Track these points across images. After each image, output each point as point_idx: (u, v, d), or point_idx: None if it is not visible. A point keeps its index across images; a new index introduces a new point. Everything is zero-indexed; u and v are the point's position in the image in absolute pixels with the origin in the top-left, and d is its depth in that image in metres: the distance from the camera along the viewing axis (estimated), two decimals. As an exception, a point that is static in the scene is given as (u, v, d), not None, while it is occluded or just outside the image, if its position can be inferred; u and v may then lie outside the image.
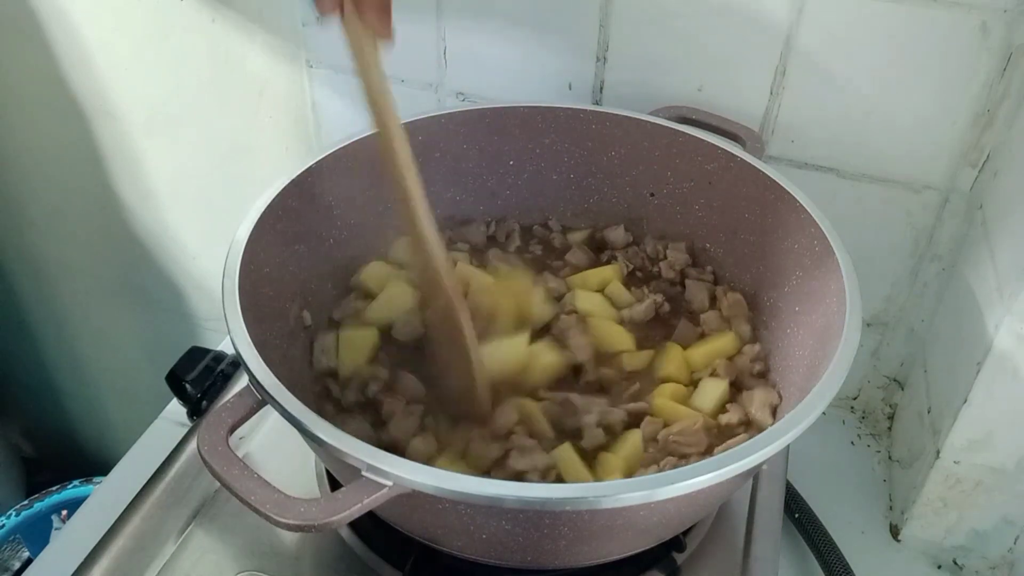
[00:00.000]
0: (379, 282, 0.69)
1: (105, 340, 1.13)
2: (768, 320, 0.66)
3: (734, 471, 0.44)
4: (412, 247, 0.57)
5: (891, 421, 0.81)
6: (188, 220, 0.95)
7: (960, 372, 0.62)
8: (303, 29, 0.87)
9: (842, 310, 0.53)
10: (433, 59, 0.82)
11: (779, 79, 0.70)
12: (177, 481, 0.67)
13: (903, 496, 0.71)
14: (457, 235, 0.75)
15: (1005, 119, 0.64)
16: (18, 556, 1.10)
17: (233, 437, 0.47)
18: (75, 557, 0.60)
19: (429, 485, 0.42)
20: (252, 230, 0.58)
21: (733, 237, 0.70)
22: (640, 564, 0.60)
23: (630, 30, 0.73)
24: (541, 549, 0.49)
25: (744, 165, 0.66)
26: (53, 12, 0.80)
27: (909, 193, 0.71)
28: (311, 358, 0.64)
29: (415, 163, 0.54)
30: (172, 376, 0.70)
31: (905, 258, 0.74)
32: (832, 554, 0.65)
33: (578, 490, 0.42)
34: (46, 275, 1.08)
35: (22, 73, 0.87)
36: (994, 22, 0.61)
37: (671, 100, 0.73)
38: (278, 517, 0.42)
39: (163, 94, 0.86)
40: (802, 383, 0.55)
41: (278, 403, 0.46)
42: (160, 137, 0.89)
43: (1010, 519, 0.65)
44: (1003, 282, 0.58)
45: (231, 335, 0.50)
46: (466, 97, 0.84)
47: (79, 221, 0.99)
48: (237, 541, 0.63)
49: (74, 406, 1.27)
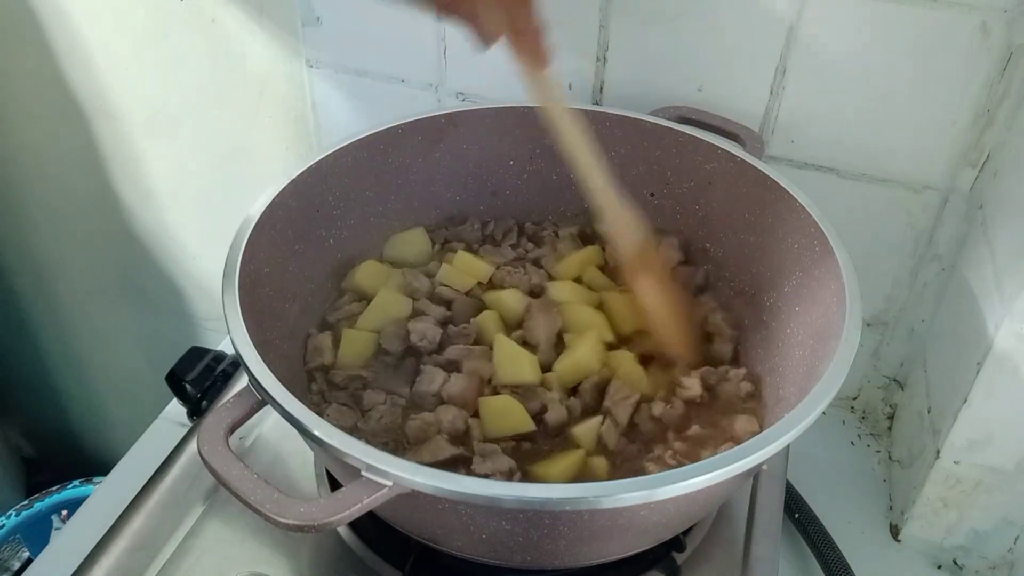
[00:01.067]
0: (373, 282, 0.69)
1: (105, 340, 1.13)
2: (768, 320, 0.66)
3: (734, 471, 0.44)
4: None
5: (891, 421, 0.81)
6: (188, 220, 0.95)
7: (960, 372, 0.62)
8: (303, 29, 0.87)
9: (842, 310, 0.53)
10: (433, 59, 0.82)
11: (779, 79, 0.70)
12: (177, 481, 0.66)
13: (903, 496, 0.71)
14: (452, 235, 0.75)
15: (1005, 119, 0.64)
16: (18, 556, 1.10)
17: (233, 437, 0.47)
18: (75, 557, 0.60)
19: (429, 485, 0.42)
20: (252, 230, 0.58)
21: (733, 237, 0.69)
22: (640, 564, 0.60)
23: (630, 30, 0.73)
24: (541, 549, 0.49)
25: (744, 165, 0.66)
26: (53, 12, 0.80)
27: (909, 193, 0.71)
28: (304, 354, 0.64)
29: (590, 142, 0.60)
30: (172, 376, 0.70)
31: (905, 258, 0.74)
32: (832, 554, 0.65)
33: (578, 490, 0.42)
34: (46, 275, 1.08)
35: (22, 73, 0.87)
36: (994, 22, 0.61)
37: (671, 100, 0.73)
38: (278, 517, 0.42)
39: (163, 94, 0.86)
40: (802, 383, 0.55)
41: (278, 403, 0.46)
42: (160, 137, 0.89)
43: (1010, 519, 0.65)
44: (1003, 282, 0.58)
45: (231, 335, 0.50)
46: (466, 97, 0.84)
47: (79, 221, 0.99)
48: (237, 541, 0.63)
49: (74, 406, 1.27)
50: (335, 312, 0.68)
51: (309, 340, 0.65)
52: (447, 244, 0.75)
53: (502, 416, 0.58)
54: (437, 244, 0.74)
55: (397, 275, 0.70)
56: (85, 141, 0.88)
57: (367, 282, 0.69)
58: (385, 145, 0.70)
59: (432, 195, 0.75)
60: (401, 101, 0.86)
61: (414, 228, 0.74)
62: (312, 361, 0.64)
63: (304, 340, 0.65)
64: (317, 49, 0.88)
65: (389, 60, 0.85)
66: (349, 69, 0.87)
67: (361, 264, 0.70)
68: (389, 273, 0.70)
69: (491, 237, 0.76)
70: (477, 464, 0.55)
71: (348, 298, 0.69)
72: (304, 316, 0.66)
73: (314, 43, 0.87)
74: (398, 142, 0.70)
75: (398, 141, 0.70)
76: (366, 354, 0.64)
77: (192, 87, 0.86)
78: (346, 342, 0.64)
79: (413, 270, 0.70)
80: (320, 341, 0.64)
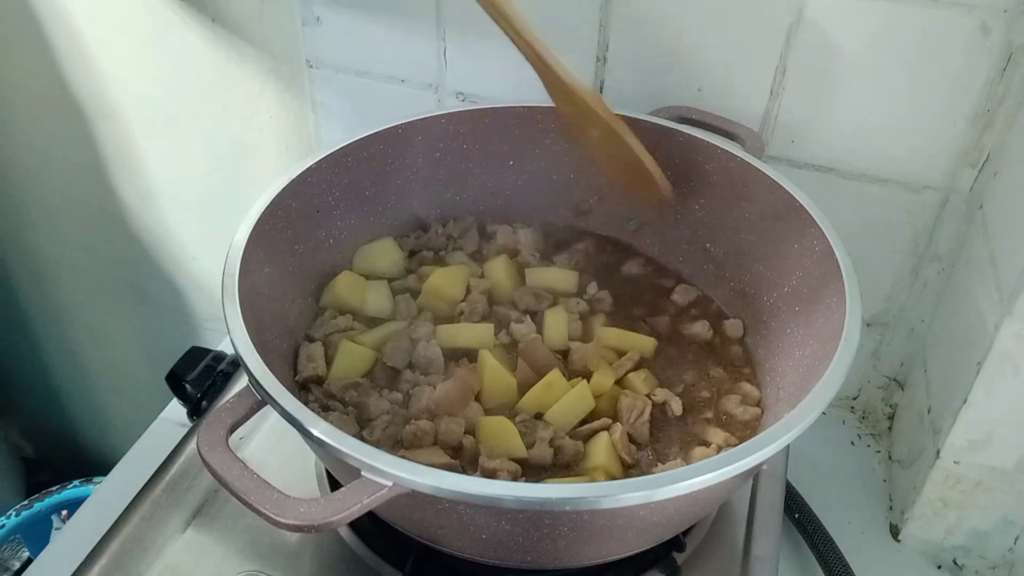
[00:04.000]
0: (353, 293, 0.68)
1: (105, 340, 1.13)
2: (768, 320, 0.66)
3: (734, 471, 0.44)
4: (555, 94, 0.64)
5: (891, 421, 0.81)
6: (188, 220, 0.95)
7: (960, 372, 0.62)
8: (303, 29, 0.87)
9: (842, 310, 0.53)
10: (433, 59, 0.82)
11: (779, 79, 0.70)
12: (177, 481, 0.67)
13: (903, 496, 0.71)
14: (421, 243, 0.75)
15: (1005, 119, 0.64)
16: (18, 556, 1.10)
17: (233, 437, 0.47)
18: (75, 557, 0.60)
19: (429, 485, 0.42)
20: (252, 230, 0.58)
21: (733, 237, 0.69)
22: (640, 564, 0.60)
23: (630, 30, 0.73)
24: (541, 549, 0.49)
25: (744, 165, 0.66)
26: (53, 13, 0.80)
27: (909, 193, 0.71)
28: (294, 363, 0.63)
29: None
30: (172, 376, 0.70)
31: (905, 258, 0.74)
32: (832, 554, 0.65)
33: (578, 490, 0.42)
34: (46, 275, 1.08)
35: (22, 73, 0.87)
36: (994, 22, 0.61)
37: (671, 100, 0.73)
38: (278, 517, 0.42)
39: (163, 94, 0.86)
40: (802, 383, 0.55)
41: (278, 403, 0.46)
42: (160, 137, 0.89)
43: (1010, 519, 0.65)
44: (1003, 282, 0.58)
45: (231, 335, 0.50)
46: (466, 97, 0.84)
47: (79, 221, 0.99)
48: (237, 541, 0.63)
49: (74, 406, 1.27)
50: (320, 328, 0.66)
51: (300, 350, 0.64)
52: (415, 254, 0.74)
53: (496, 436, 0.58)
54: (406, 251, 0.73)
55: (383, 288, 0.69)
56: (85, 141, 0.89)
57: (348, 293, 0.68)
58: (385, 145, 0.70)
59: (431, 195, 0.75)
60: (401, 101, 0.86)
61: (383, 238, 0.73)
62: (304, 370, 0.62)
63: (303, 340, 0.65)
64: (317, 49, 0.88)
65: (389, 60, 0.85)
66: (349, 69, 0.87)
67: (336, 278, 0.68)
68: (367, 285, 0.69)
69: (490, 236, 0.76)
70: (484, 460, 0.55)
71: (330, 314, 0.67)
72: (304, 316, 0.66)
73: (314, 43, 0.87)
74: (398, 142, 0.70)
75: (398, 141, 0.70)
76: (362, 368, 0.64)
77: (192, 87, 0.87)
78: (342, 354, 0.63)
79: (405, 295, 0.69)
80: (312, 350, 0.63)
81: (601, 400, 0.62)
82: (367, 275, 0.70)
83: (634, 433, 0.60)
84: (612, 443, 0.58)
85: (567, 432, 0.59)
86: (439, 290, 0.69)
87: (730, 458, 0.44)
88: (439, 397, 0.60)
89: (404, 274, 0.72)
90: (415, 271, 0.72)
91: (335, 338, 0.65)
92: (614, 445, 0.58)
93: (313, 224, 0.67)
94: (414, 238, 0.75)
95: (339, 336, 0.65)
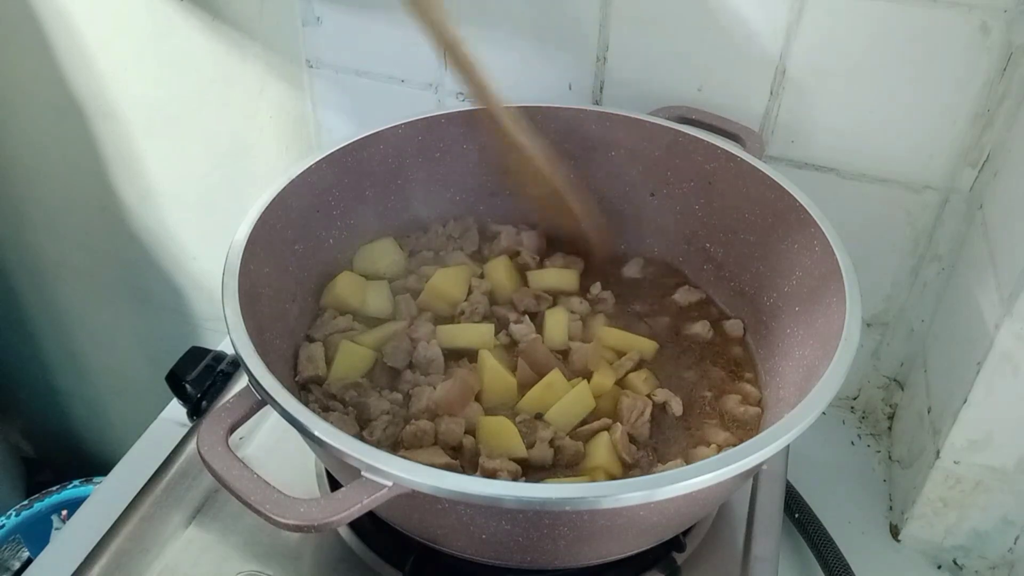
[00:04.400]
0: (353, 293, 0.68)
1: (105, 340, 1.13)
2: (768, 320, 0.66)
3: (734, 471, 0.44)
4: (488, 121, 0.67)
5: (891, 421, 0.81)
6: (188, 220, 0.95)
7: (960, 372, 0.62)
8: (303, 29, 0.87)
9: (842, 310, 0.54)
10: (433, 59, 0.82)
11: (779, 79, 0.70)
12: (177, 481, 0.67)
13: (903, 496, 0.71)
14: (422, 244, 0.75)
15: (1005, 119, 0.64)
16: (18, 556, 1.10)
17: (233, 437, 0.47)
18: (75, 557, 0.60)
19: (429, 485, 0.42)
20: (252, 230, 0.58)
21: (733, 237, 0.70)
22: (640, 564, 0.60)
23: (630, 30, 0.73)
24: (541, 549, 0.49)
25: (744, 165, 0.66)
26: (53, 13, 0.80)
27: (909, 193, 0.71)
28: (294, 364, 0.63)
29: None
30: (172, 376, 0.70)
31: (905, 258, 0.74)
32: (832, 554, 0.65)
33: (578, 490, 0.42)
34: (46, 275, 1.08)
35: (22, 73, 0.87)
36: (994, 22, 0.61)
37: (671, 100, 0.73)
38: (278, 517, 0.42)
39: (163, 94, 0.86)
40: (802, 383, 0.55)
41: (278, 403, 0.46)
42: (160, 137, 0.89)
43: (1010, 519, 0.65)
44: (1003, 282, 0.58)
45: (231, 335, 0.50)
46: (466, 97, 0.84)
47: (79, 221, 0.99)
48: (237, 541, 0.63)
49: (74, 406, 1.27)
50: (320, 328, 0.66)
51: (300, 350, 0.64)
52: (416, 254, 0.74)
53: (496, 436, 0.58)
54: (406, 252, 0.73)
55: (383, 288, 0.69)
56: (85, 141, 0.88)
57: (348, 293, 0.68)
58: (385, 145, 0.70)
59: (432, 195, 0.75)
60: (401, 101, 0.86)
61: (383, 238, 0.73)
62: (304, 371, 0.62)
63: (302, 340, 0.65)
64: (317, 49, 0.88)
65: (389, 60, 0.85)
66: (349, 69, 0.87)
67: (336, 278, 0.69)
68: (367, 285, 0.69)
69: (492, 237, 0.76)
70: (484, 461, 0.55)
71: (330, 314, 0.67)
72: (304, 316, 0.66)
73: (314, 43, 0.87)
74: (398, 142, 0.70)
75: (398, 141, 0.70)
76: (362, 368, 0.64)
77: (192, 87, 0.86)
78: (342, 354, 0.63)
79: (405, 295, 0.69)
80: (312, 351, 0.63)
81: (601, 400, 0.62)
82: (367, 275, 0.70)
83: (634, 433, 0.60)
84: (612, 443, 0.58)
85: (567, 432, 0.59)
86: (440, 290, 0.69)
87: (730, 458, 0.44)
88: (439, 397, 0.60)
89: (404, 274, 0.72)
90: (415, 271, 0.72)
91: (335, 338, 0.65)
92: (614, 445, 0.58)
93: (313, 224, 0.67)
94: (414, 238, 0.75)
95: (339, 336, 0.65)
